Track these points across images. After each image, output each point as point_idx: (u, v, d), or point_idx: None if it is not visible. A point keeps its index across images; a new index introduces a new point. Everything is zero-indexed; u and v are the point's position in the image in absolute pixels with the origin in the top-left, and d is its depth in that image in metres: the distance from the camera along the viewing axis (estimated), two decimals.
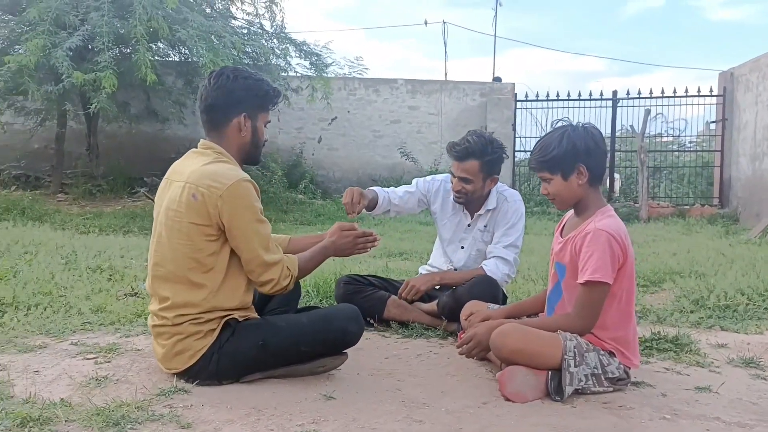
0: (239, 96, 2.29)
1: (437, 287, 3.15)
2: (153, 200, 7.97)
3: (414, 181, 3.34)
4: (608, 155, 2.54)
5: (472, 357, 2.43)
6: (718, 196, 10.80)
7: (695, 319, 3.38)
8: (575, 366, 2.18)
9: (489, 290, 2.93)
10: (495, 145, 3.05)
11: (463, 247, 3.25)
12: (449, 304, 2.98)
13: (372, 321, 3.13)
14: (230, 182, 2.17)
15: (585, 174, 2.30)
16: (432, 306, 3.10)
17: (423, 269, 3.44)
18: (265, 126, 2.42)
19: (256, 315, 2.39)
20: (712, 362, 2.65)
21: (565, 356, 2.17)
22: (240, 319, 2.28)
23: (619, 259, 2.22)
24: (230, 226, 2.18)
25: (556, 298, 2.42)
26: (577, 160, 2.29)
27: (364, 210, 3.09)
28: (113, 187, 9.95)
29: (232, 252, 2.23)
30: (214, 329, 2.22)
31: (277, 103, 2.44)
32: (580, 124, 2.36)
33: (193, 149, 2.38)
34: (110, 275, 4.08)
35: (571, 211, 2.45)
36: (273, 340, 2.25)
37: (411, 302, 3.13)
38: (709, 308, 3.56)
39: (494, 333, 2.24)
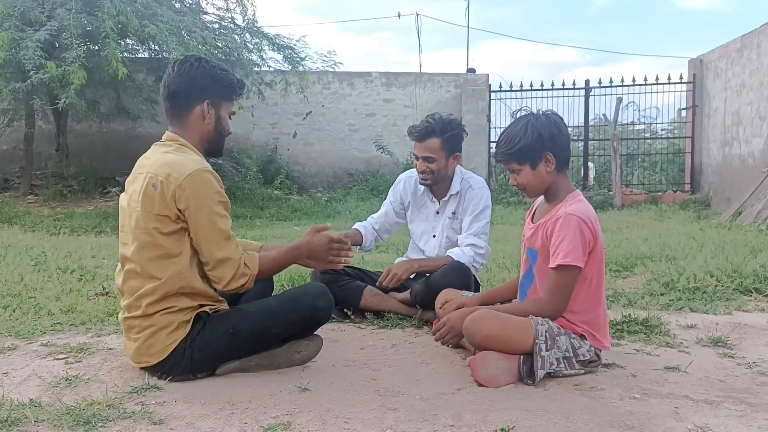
0: (203, 83, 2.27)
1: (412, 276, 3.17)
2: None
3: (387, 199, 3.42)
4: (571, 140, 2.59)
5: (446, 344, 2.44)
6: (690, 182, 10.99)
7: (665, 301, 3.44)
8: (546, 350, 2.20)
9: (460, 277, 2.94)
10: (454, 124, 3.14)
11: (434, 236, 3.28)
12: (422, 292, 2.99)
13: (348, 312, 3.13)
14: (189, 171, 2.15)
15: (552, 161, 2.32)
16: (406, 295, 3.12)
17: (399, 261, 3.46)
18: (230, 117, 2.39)
19: (226, 307, 2.35)
20: (681, 343, 2.70)
21: (537, 341, 2.20)
22: (210, 312, 2.26)
23: (589, 243, 2.25)
24: (188, 216, 2.16)
25: (528, 283, 2.45)
26: (543, 149, 2.30)
27: (356, 249, 3.24)
28: (84, 188, 9.80)
29: None
30: (186, 321, 2.20)
31: (240, 94, 2.41)
32: (541, 113, 2.38)
33: (157, 142, 2.35)
34: (81, 275, 4.03)
35: (541, 198, 2.47)
36: (243, 326, 2.23)
37: (387, 291, 3.14)
38: (679, 290, 3.63)
39: (467, 319, 2.26)
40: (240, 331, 2.23)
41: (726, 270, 3.90)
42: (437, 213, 3.27)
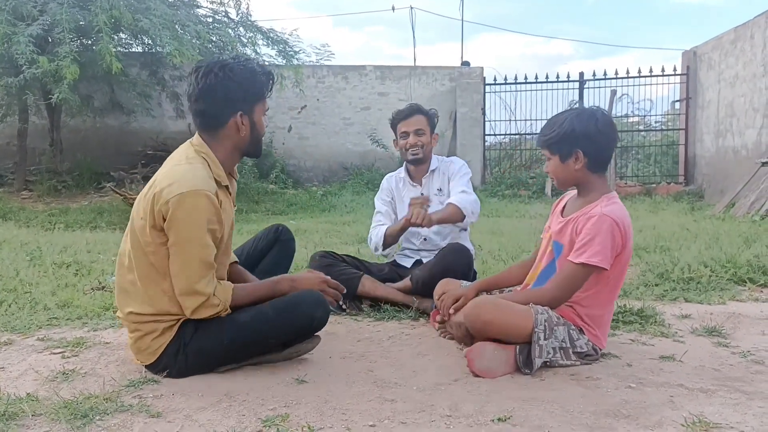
0: (232, 95, 2.16)
1: (410, 266, 3.28)
2: (120, 195, 7.76)
3: (376, 209, 3.49)
4: (615, 143, 2.54)
5: (461, 338, 2.46)
6: (684, 173, 11.02)
7: (660, 291, 3.46)
8: (545, 338, 2.21)
9: (461, 258, 3.03)
10: (431, 109, 3.44)
11: None
12: (423, 277, 3.03)
13: (343, 305, 3.13)
14: (183, 190, 2.04)
15: (582, 159, 2.30)
16: (404, 283, 3.15)
17: (396, 255, 3.48)
18: (265, 114, 2.30)
19: None
20: (676, 332, 2.72)
21: (536, 329, 2.21)
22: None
23: (618, 247, 2.24)
24: (169, 235, 2.08)
25: (548, 275, 2.41)
26: (575, 145, 2.29)
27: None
28: (79, 183, 9.76)
29: None
30: (171, 326, 2.17)
31: (272, 88, 2.30)
32: (589, 110, 2.33)
33: (186, 143, 2.27)
34: (77, 270, 4.02)
35: (574, 192, 2.46)
36: (238, 337, 2.17)
37: (384, 281, 3.20)
38: (674, 281, 3.65)
39: (468, 305, 2.28)
40: (235, 342, 2.18)
41: (720, 260, 3.92)
42: (421, 194, 3.34)
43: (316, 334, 2.39)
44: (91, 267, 4.10)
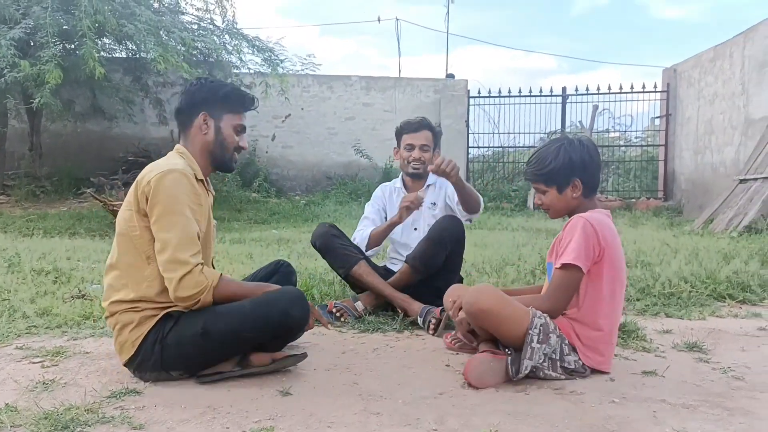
0: (201, 97, 2.35)
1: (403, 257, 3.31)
2: (100, 201, 7.65)
3: (364, 214, 3.51)
4: (601, 166, 2.62)
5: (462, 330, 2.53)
6: (663, 189, 11.19)
7: (641, 306, 3.50)
8: (538, 342, 2.23)
9: (453, 227, 3.10)
10: (437, 126, 3.49)
11: (416, 229, 3.39)
12: (418, 250, 3.13)
13: (338, 314, 3.14)
14: (161, 170, 2.18)
15: (579, 187, 2.35)
16: (396, 278, 3.19)
17: (387, 262, 3.49)
18: (237, 130, 2.40)
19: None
20: (658, 347, 2.74)
21: (530, 330, 2.22)
22: (185, 310, 2.23)
23: (594, 247, 2.26)
24: (151, 214, 2.16)
25: None
26: (572, 174, 2.34)
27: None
28: (58, 188, 9.65)
29: None
30: (150, 317, 2.19)
31: (244, 108, 2.43)
32: (576, 138, 2.41)
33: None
34: (56, 277, 3.96)
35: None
36: (214, 327, 2.18)
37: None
38: (655, 296, 3.69)
39: (470, 289, 2.30)
40: (210, 332, 2.18)
41: (700, 276, 3.97)
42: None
43: (304, 352, 2.38)
44: (71, 274, 4.04)
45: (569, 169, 2.33)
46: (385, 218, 3.46)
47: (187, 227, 2.16)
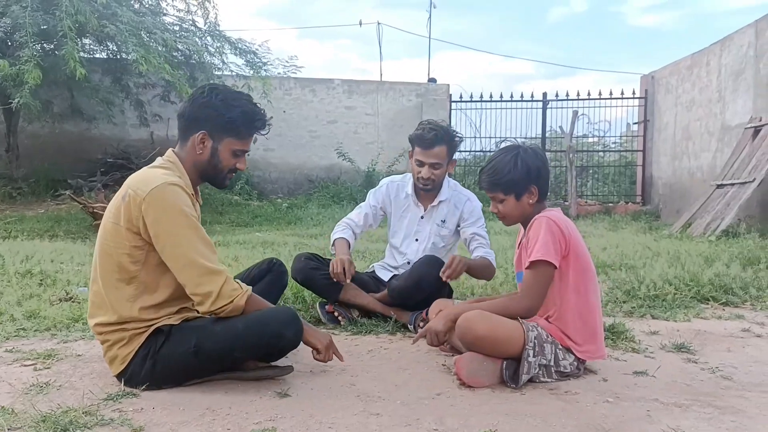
0: (204, 113, 2.20)
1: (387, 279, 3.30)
2: (80, 203, 7.54)
3: (366, 200, 3.42)
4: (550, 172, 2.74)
5: (436, 346, 2.48)
6: (641, 193, 11.37)
7: (628, 308, 3.56)
8: (533, 356, 2.26)
9: (433, 270, 2.94)
10: (454, 131, 3.24)
11: (417, 240, 3.33)
12: (398, 287, 3.08)
13: (340, 317, 3.15)
14: (154, 186, 2.07)
15: (535, 194, 2.41)
16: (383, 294, 3.17)
17: (377, 266, 3.49)
18: (238, 154, 2.28)
19: (195, 314, 2.26)
20: (647, 348, 2.80)
21: (526, 346, 2.25)
22: (176, 323, 2.20)
23: (560, 242, 2.31)
24: (156, 233, 2.06)
25: None
26: (529, 182, 2.39)
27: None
28: (35, 190, 9.50)
29: (160, 263, 2.12)
30: (139, 333, 2.15)
31: (250, 133, 2.30)
32: (528, 146, 2.46)
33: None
34: (41, 280, 3.91)
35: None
36: (206, 345, 2.14)
37: (368, 291, 3.21)
38: (640, 298, 3.76)
39: (460, 319, 2.30)
40: (202, 350, 2.14)
41: (683, 279, 4.05)
42: (421, 218, 3.31)
43: (289, 365, 2.36)
44: (56, 277, 3.99)
45: (527, 177, 2.38)
46: (382, 213, 3.41)
47: (204, 237, 2.11)
